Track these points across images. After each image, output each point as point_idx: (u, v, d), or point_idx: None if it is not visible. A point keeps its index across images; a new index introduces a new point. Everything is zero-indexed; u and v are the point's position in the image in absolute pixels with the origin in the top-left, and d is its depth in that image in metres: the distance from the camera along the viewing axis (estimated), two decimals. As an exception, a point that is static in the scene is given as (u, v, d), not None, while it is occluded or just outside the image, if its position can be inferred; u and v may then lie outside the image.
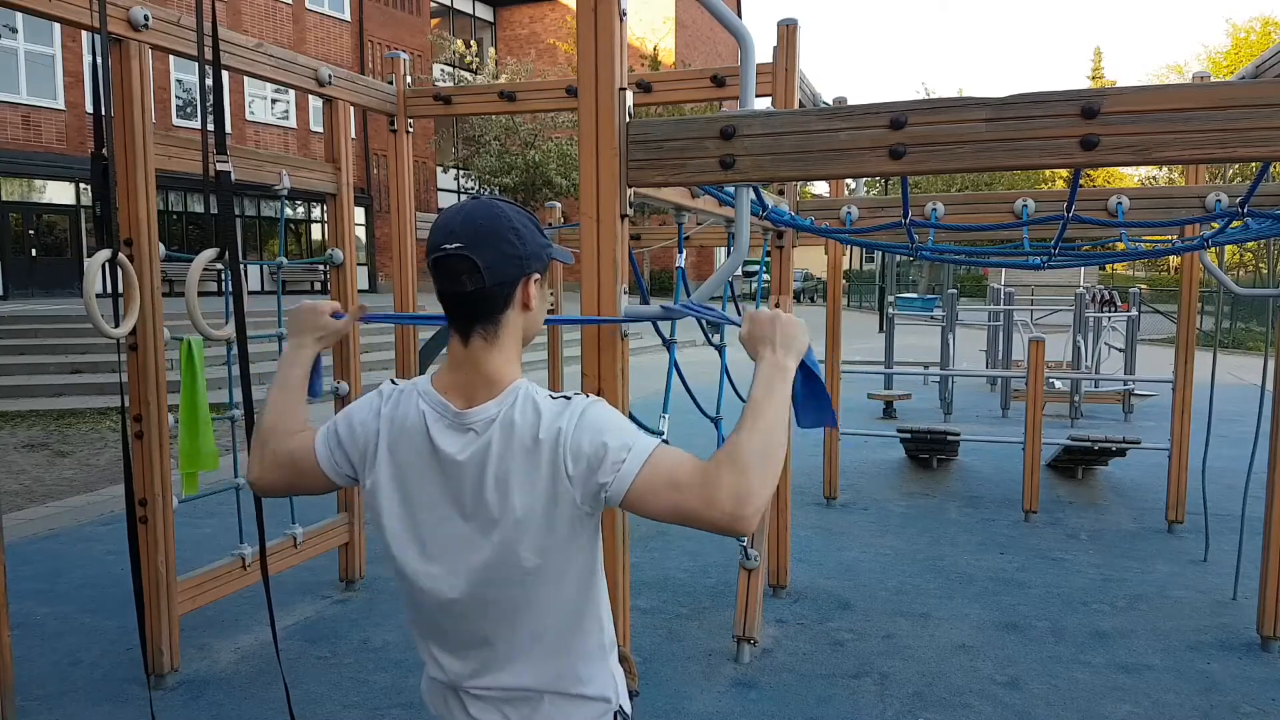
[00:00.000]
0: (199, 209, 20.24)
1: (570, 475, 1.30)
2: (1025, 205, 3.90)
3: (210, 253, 3.28)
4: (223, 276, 3.70)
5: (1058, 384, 9.88)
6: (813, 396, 1.56)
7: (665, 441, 1.36)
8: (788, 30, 4.07)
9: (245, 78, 10.03)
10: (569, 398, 1.36)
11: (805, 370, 1.52)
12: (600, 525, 1.42)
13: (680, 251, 2.81)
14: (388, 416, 1.41)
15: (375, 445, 1.41)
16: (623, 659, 2.15)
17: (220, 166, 2.34)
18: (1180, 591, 4.61)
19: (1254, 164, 2.80)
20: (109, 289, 2.93)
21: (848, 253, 16.01)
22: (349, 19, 25.97)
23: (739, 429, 1.32)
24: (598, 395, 2.05)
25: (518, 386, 1.37)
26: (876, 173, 1.97)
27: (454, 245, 1.31)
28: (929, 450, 7.46)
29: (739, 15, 33.67)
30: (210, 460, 3.52)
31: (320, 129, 23.30)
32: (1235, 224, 3.60)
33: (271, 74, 3.87)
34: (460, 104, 4.84)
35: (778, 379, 1.41)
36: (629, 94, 2.02)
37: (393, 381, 1.48)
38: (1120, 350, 11.38)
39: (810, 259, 25.99)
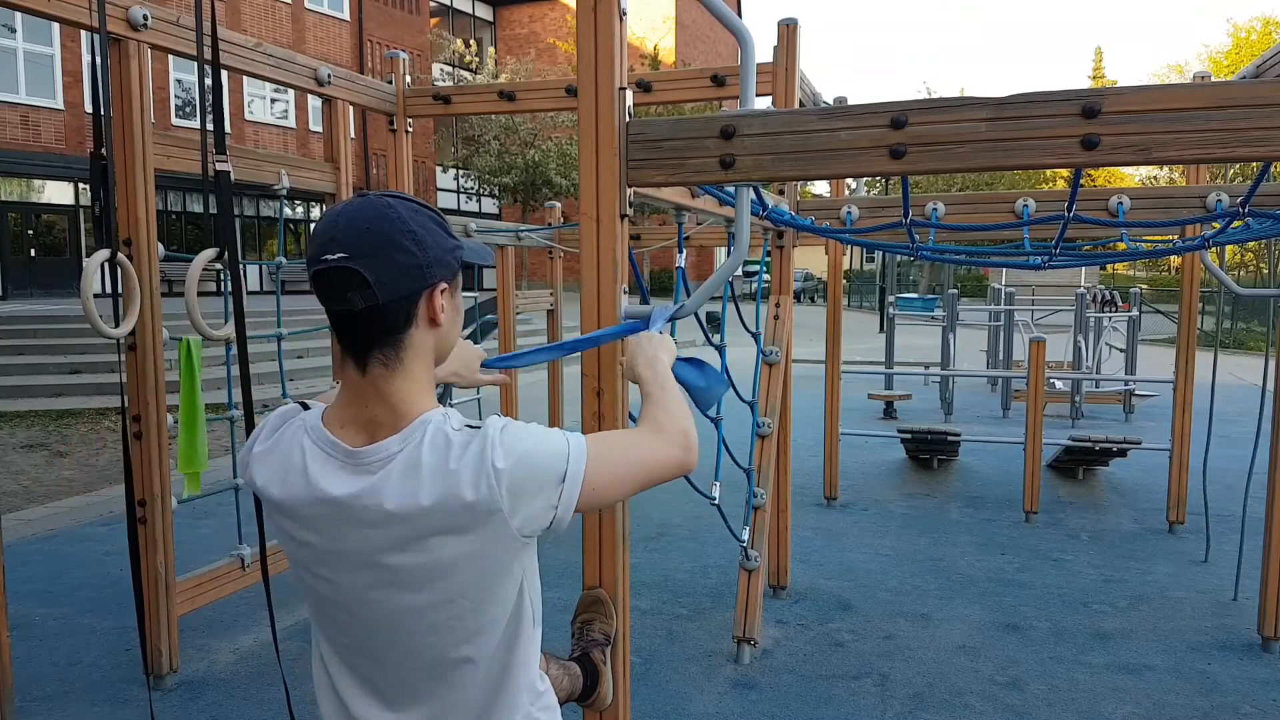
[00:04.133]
0: (198, 209, 20.24)
1: (500, 503, 1.13)
2: (1026, 205, 3.89)
3: (209, 253, 3.28)
4: (222, 276, 3.69)
5: (1058, 384, 9.87)
6: (697, 374, 1.82)
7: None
8: (788, 30, 4.07)
9: (244, 77, 10.01)
10: (477, 426, 1.19)
11: (680, 363, 1.73)
12: (534, 559, 1.27)
13: (680, 251, 2.79)
14: (261, 454, 1.23)
15: (255, 491, 1.25)
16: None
17: (220, 166, 2.34)
18: (1181, 592, 4.60)
19: (1255, 164, 2.79)
20: (108, 289, 2.93)
21: (848, 253, 15.98)
22: (348, 18, 25.97)
23: (646, 408, 1.44)
24: (597, 392, 2.06)
25: (427, 419, 1.16)
26: (876, 172, 1.96)
27: (336, 256, 1.11)
28: (929, 451, 7.45)
29: (739, 15, 33.74)
30: (202, 461, 3.53)
31: (319, 129, 23.29)
32: (1236, 224, 3.60)
33: (271, 74, 3.87)
34: (460, 103, 4.84)
35: (660, 361, 1.56)
36: (629, 94, 2.01)
37: (303, 405, 1.27)
38: (1121, 350, 11.37)
39: (810, 259, 26.00)
